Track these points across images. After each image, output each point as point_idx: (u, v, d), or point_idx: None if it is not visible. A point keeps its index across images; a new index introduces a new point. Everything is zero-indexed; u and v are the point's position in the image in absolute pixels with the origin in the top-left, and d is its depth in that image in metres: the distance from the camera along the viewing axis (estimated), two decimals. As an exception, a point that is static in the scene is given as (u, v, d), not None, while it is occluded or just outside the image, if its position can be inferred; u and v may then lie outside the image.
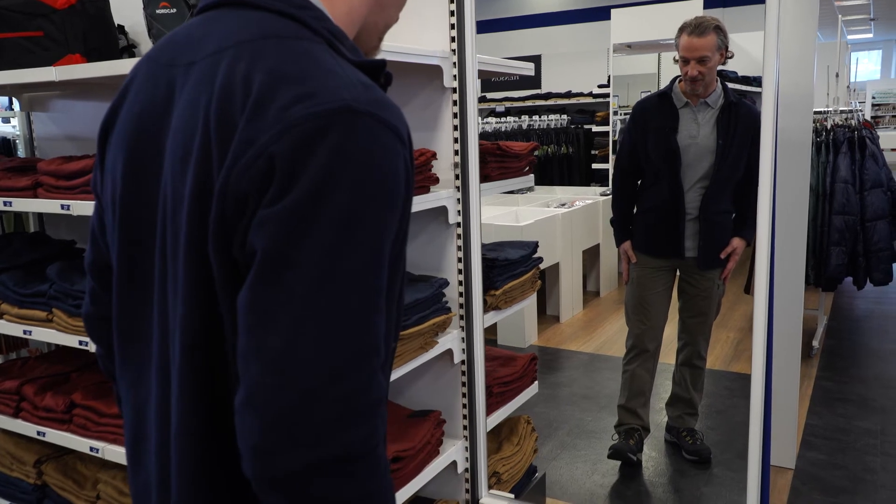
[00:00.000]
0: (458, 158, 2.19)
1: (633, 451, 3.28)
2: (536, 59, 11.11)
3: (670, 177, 3.11)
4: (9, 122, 5.79)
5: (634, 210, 3.31)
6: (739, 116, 3.08)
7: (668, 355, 3.74)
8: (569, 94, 9.76)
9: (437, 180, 2.16)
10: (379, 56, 1.03)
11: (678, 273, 3.31)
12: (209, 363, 0.84)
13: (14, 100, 4.45)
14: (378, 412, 0.76)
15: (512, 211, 5.84)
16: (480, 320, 2.27)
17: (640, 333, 3.35)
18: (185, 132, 0.83)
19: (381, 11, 0.99)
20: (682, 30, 3.05)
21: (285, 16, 0.85)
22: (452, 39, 2.12)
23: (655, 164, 3.16)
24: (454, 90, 2.16)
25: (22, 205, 2.31)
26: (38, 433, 2.46)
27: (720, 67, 3.11)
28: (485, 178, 2.33)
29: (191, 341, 0.84)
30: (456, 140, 2.18)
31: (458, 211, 2.21)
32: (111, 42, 2.45)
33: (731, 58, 3.11)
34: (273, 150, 0.74)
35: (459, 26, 2.10)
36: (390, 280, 0.83)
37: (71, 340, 2.29)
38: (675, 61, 3.12)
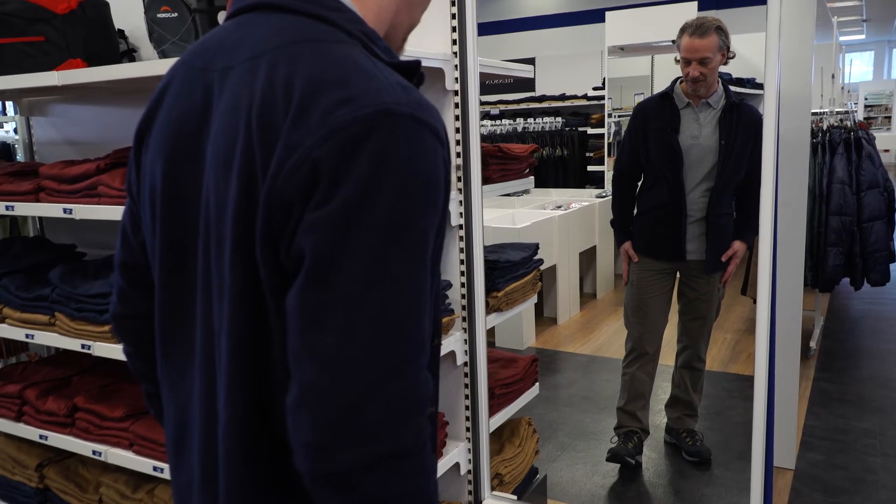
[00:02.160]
0: (460, 161, 2.19)
1: (632, 455, 3.28)
2: (530, 62, 11.12)
3: (672, 178, 3.11)
4: (1, 126, 5.79)
5: (635, 211, 3.31)
6: (741, 117, 3.09)
7: (667, 357, 3.75)
8: (563, 97, 9.78)
9: (439, 183, 2.16)
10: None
11: (678, 275, 3.31)
12: (256, 363, 0.85)
13: (7, 104, 4.45)
14: (426, 410, 0.77)
15: (508, 213, 5.85)
16: (483, 322, 2.28)
17: (640, 336, 3.34)
18: (227, 137, 0.84)
19: (410, 13, 1.00)
20: (683, 30, 3.05)
21: (320, 19, 0.86)
22: (454, 42, 2.12)
23: (656, 165, 3.16)
24: (456, 93, 2.16)
25: (24, 209, 2.31)
26: (41, 437, 2.46)
27: (733, 57, 3.13)
28: (486, 180, 2.34)
29: (238, 342, 0.85)
30: (458, 142, 2.19)
31: (461, 213, 2.22)
32: (112, 46, 2.46)
33: (732, 58, 3.13)
34: (317, 154, 0.75)
35: (461, 29, 2.11)
36: (433, 283, 0.84)
37: (73, 344, 2.29)
38: (677, 62, 3.12)
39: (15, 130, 4.92)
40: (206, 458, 0.92)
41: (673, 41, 3.12)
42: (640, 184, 3.30)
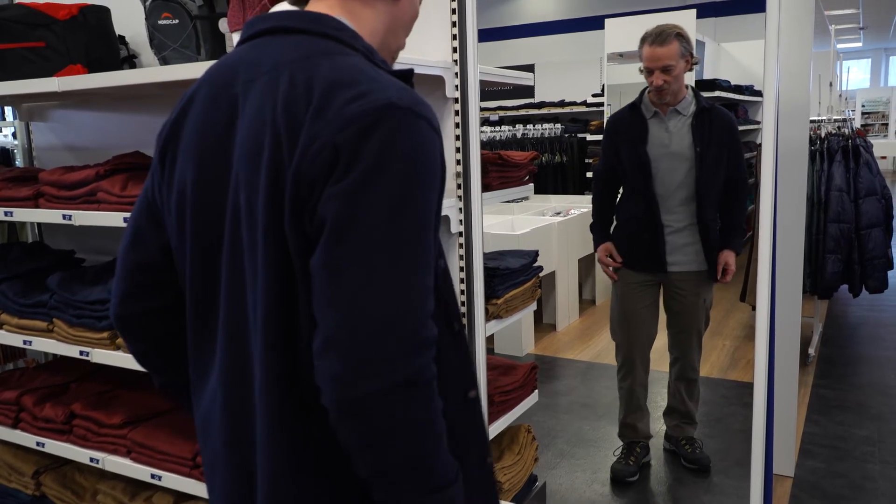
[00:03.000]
0: (460, 168, 2.19)
1: (633, 474, 3.28)
2: (530, 69, 11.15)
3: (643, 189, 3.09)
4: (0, 131, 5.78)
5: (614, 220, 3.32)
6: (714, 121, 3.07)
7: (660, 363, 3.75)
8: (562, 104, 9.81)
9: (439, 190, 2.16)
10: None
11: (662, 287, 3.26)
12: (286, 330, 0.98)
13: (6, 109, 4.45)
14: (432, 350, 0.91)
15: (508, 220, 5.85)
16: (482, 329, 2.28)
17: (628, 349, 3.30)
18: (255, 135, 0.98)
19: (395, 36, 1.16)
20: (643, 40, 3.04)
21: (327, 37, 1.02)
22: (454, 50, 2.13)
23: (629, 177, 3.16)
24: (456, 100, 2.16)
25: (23, 215, 2.31)
26: (38, 444, 2.45)
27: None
28: (486, 187, 2.33)
29: (271, 310, 0.98)
30: (458, 150, 2.18)
31: (461, 220, 2.22)
32: (112, 53, 2.46)
33: (696, 64, 3.12)
34: (336, 140, 0.91)
35: (461, 37, 2.11)
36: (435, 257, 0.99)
37: (71, 350, 2.28)
38: (641, 72, 3.10)
39: (14, 135, 4.91)
40: (233, 435, 1.07)
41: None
42: (619, 194, 3.33)
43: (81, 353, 2.25)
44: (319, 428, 0.98)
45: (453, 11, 2.10)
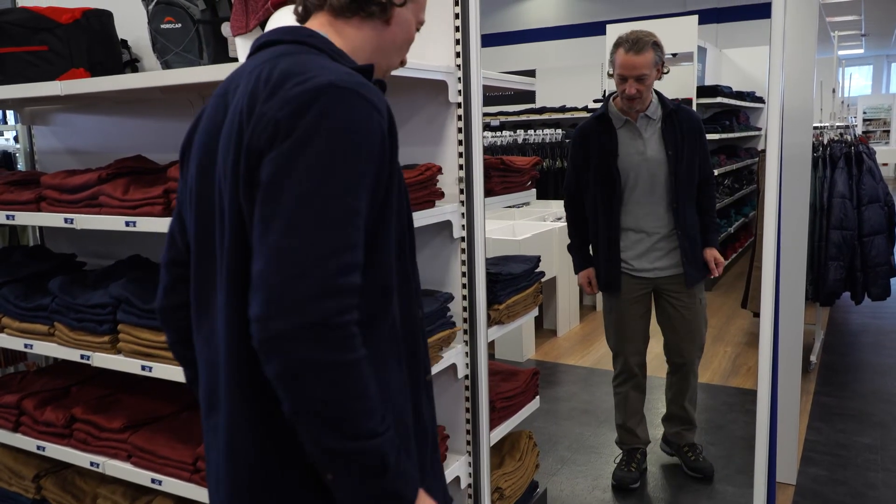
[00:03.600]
0: (462, 173, 2.19)
1: (635, 480, 3.26)
2: (531, 74, 11.16)
3: (620, 200, 3.05)
4: (1, 134, 5.78)
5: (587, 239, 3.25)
6: (682, 123, 3.05)
7: (658, 369, 3.74)
8: (563, 109, 9.80)
9: (442, 195, 2.16)
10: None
11: (654, 295, 3.23)
12: (244, 295, 1.06)
13: (8, 113, 4.46)
14: (348, 298, 0.98)
15: (509, 225, 5.84)
16: (484, 335, 2.27)
17: (626, 359, 3.27)
18: (230, 126, 1.12)
19: (384, 56, 1.27)
20: (618, 45, 2.95)
21: (299, 42, 1.17)
22: (457, 55, 2.12)
23: (604, 189, 3.06)
24: (459, 105, 2.16)
25: (25, 218, 2.30)
26: (38, 447, 2.44)
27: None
28: (488, 192, 2.33)
29: (232, 274, 1.10)
30: (461, 155, 2.18)
31: (463, 225, 2.21)
32: (115, 56, 2.46)
33: (667, 73, 3.03)
34: (278, 116, 1.03)
35: (464, 42, 2.11)
36: (384, 229, 1.11)
37: (72, 354, 2.28)
38: (610, 76, 3.04)
39: (16, 139, 4.91)
40: (207, 404, 1.23)
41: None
42: (587, 211, 3.20)
43: (82, 356, 2.25)
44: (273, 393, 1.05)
45: (456, 17, 2.10)
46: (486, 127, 9.59)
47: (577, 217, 3.24)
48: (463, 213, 2.21)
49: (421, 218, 2.01)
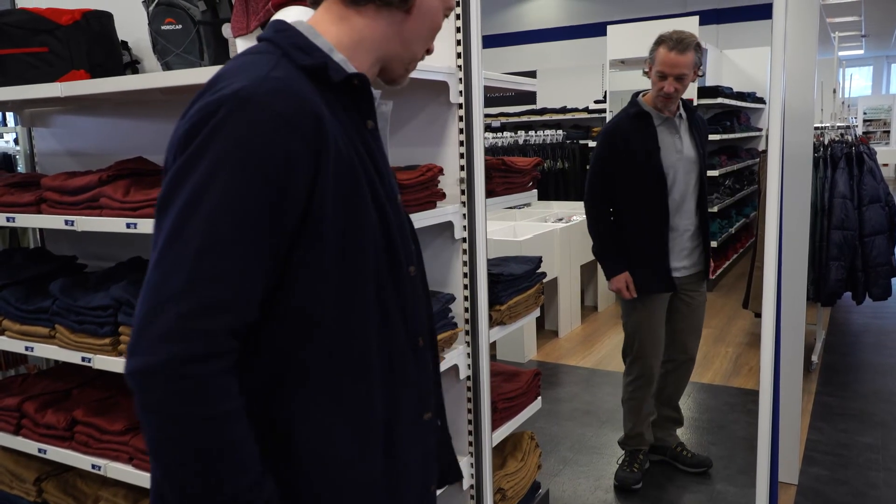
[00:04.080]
0: (463, 174, 2.19)
1: (637, 480, 3.26)
2: (532, 75, 11.17)
3: (657, 201, 3.02)
4: (1, 136, 5.79)
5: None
6: (699, 121, 3.12)
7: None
8: (564, 110, 9.81)
9: (443, 196, 2.16)
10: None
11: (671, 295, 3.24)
12: None
13: (8, 115, 4.46)
14: (207, 341, 0.87)
15: (510, 226, 5.84)
16: (486, 335, 2.27)
17: (649, 362, 3.21)
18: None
19: (406, 48, 1.15)
20: (660, 43, 2.94)
21: (267, 41, 1.06)
22: (458, 55, 2.12)
23: (643, 189, 3.02)
24: (460, 106, 2.16)
25: (25, 220, 2.30)
26: (39, 450, 2.44)
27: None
28: (489, 193, 2.33)
29: None
30: (462, 155, 2.18)
31: (464, 226, 2.21)
32: (115, 58, 2.46)
33: (702, 76, 3.09)
34: (181, 131, 0.95)
35: (466, 42, 2.11)
36: (311, 258, 0.96)
37: (73, 357, 2.27)
38: (645, 73, 3.04)
39: (16, 141, 4.91)
40: None
41: (646, 58, 3.07)
42: (616, 214, 3.13)
43: (83, 359, 2.24)
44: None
45: (457, 17, 2.10)
46: (488, 128, 9.60)
47: (607, 220, 3.13)
48: (464, 214, 2.20)
49: (422, 219, 2.01)
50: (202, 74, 1.92)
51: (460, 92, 2.14)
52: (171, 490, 0.92)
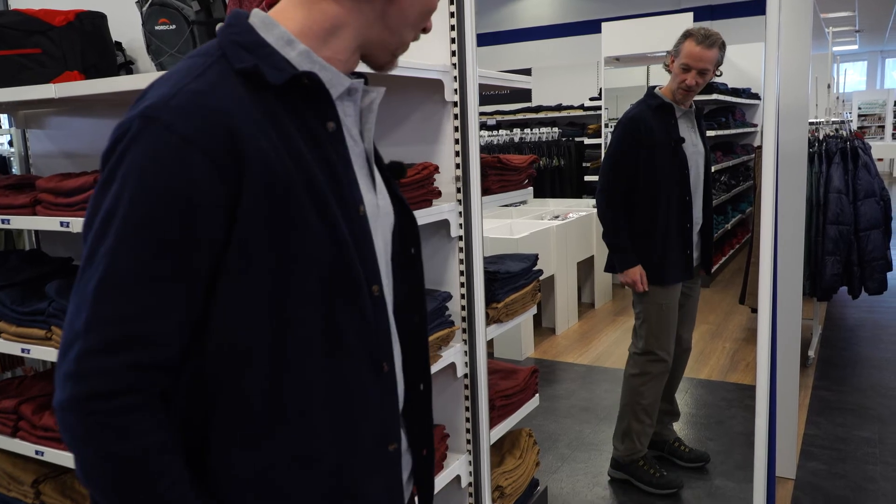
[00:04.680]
0: (459, 172, 2.19)
1: (678, 476, 3.22)
2: (527, 72, 11.16)
3: (680, 192, 3.01)
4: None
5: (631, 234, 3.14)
6: (700, 115, 3.19)
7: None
8: (559, 107, 9.81)
9: (439, 194, 2.16)
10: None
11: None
12: None
13: (2, 117, 4.44)
14: (106, 378, 0.85)
15: (506, 224, 5.85)
16: (483, 333, 2.27)
17: (665, 359, 3.15)
18: None
19: (390, 32, 1.04)
20: (688, 36, 2.96)
21: (217, 37, 0.99)
22: (453, 53, 2.12)
23: (665, 182, 3.01)
24: (455, 104, 2.16)
25: (20, 222, 2.29)
26: (37, 452, 2.43)
27: (720, 76, 3.14)
28: (485, 191, 2.33)
29: None
30: (457, 153, 2.18)
31: (460, 224, 2.21)
32: (109, 59, 2.45)
33: (720, 76, 3.11)
34: (106, 146, 0.91)
35: (460, 40, 2.11)
36: (235, 286, 0.90)
37: (70, 358, 2.26)
38: (666, 67, 3.05)
39: (10, 143, 4.90)
40: None
41: (669, 52, 3.09)
42: (633, 206, 3.08)
43: (80, 360, 2.24)
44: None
45: (452, 15, 2.10)
46: (483, 126, 9.60)
47: (623, 212, 3.08)
48: (460, 212, 2.20)
49: (418, 217, 2.00)
50: (196, 74, 1.92)
51: (455, 90, 2.14)
52: None
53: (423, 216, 2.05)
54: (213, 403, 0.93)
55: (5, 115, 3.85)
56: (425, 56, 2.14)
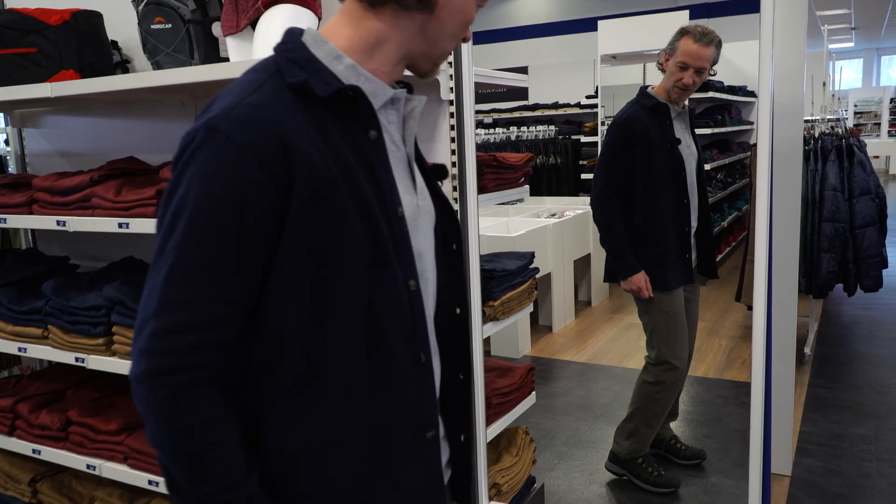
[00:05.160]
0: (455, 170, 2.19)
1: (675, 476, 3.22)
2: (523, 71, 11.16)
3: (677, 195, 2.95)
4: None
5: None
6: (692, 118, 3.13)
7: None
8: (556, 105, 9.82)
9: (435, 192, 2.16)
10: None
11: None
12: None
13: None
14: (173, 357, 0.96)
15: (503, 222, 5.85)
16: (479, 331, 2.27)
17: (682, 366, 3.09)
18: None
19: (430, 44, 1.12)
20: (685, 33, 2.88)
21: (274, 52, 1.09)
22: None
23: (662, 185, 2.94)
24: (451, 102, 2.16)
25: (17, 221, 2.30)
26: (34, 451, 2.44)
27: (715, 75, 3.07)
28: (481, 189, 2.33)
29: None
30: (453, 152, 2.18)
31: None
32: (105, 58, 2.45)
33: (713, 75, 3.03)
34: (177, 149, 1.01)
35: (456, 39, 2.11)
36: (284, 283, 1.01)
37: (67, 357, 2.27)
38: (659, 65, 2.98)
39: (6, 142, 4.89)
40: None
41: (663, 50, 3.01)
42: (630, 210, 3.00)
43: (77, 359, 2.24)
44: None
45: (447, 14, 2.10)
46: (479, 124, 9.61)
47: (619, 216, 2.99)
48: (456, 210, 2.21)
49: (414, 215, 2.01)
50: (192, 73, 1.92)
51: (451, 88, 2.14)
52: (167, 475, 1.03)
53: (419, 214, 2.05)
54: (260, 383, 1.05)
55: (1, 115, 3.85)
56: (421, 55, 2.14)
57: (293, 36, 1.09)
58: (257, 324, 1.03)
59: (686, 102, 3.08)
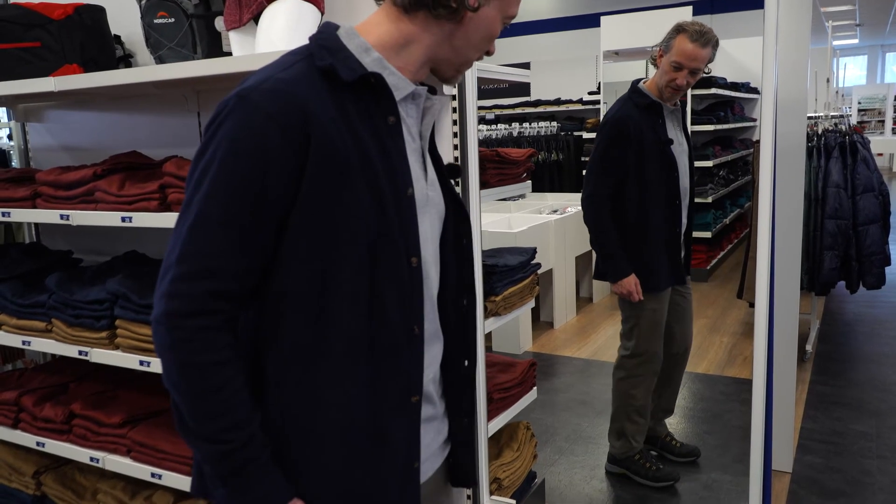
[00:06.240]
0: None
1: (674, 469, 3.22)
2: (526, 66, 11.15)
3: (669, 195, 2.93)
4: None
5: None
6: (683, 115, 3.10)
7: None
8: (558, 102, 9.81)
9: (437, 187, 2.16)
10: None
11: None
12: None
13: (1, 110, 4.44)
14: (198, 302, 1.05)
15: (505, 217, 5.85)
16: (481, 326, 2.28)
17: (657, 361, 3.13)
18: None
19: (455, 51, 1.21)
20: (681, 31, 2.80)
21: (311, 39, 1.18)
22: (451, 47, 2.12)
23: (654, 185, 2.91)
24: (453, 97, 2.16)
25: (20, 215, 2.30)
26: (38, 444, 2.45)
27: (709, 73, 3.02)
28: (483, 184, 2.33)
29: None
30: (456, 147, 2.18)
31: (459, 218, 2.22)
32: (108, 52, 2.45)
33: (707, 73, 2.97)
34: (211, 116, 1.09)
35: (458, 34, 2.11)
36: (298, 240, 1.09)
37: (70, 350, 2.28)
38: (653, 61, 2.92)
39: (9, 136, 4.90)
40: None
41: (657, 45, 2.91)
42: (621, 210, 2.96)
43: (80, 352, 2.25)
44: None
45: (450, 9, 2.10)
46: (482, 120, 9.59)
47: (610, 217, 2.95)
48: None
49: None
50: (195, 68, 1.93)
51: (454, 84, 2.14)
52: (178, 413, 1.11)
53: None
54: (267, 340, 1.13)
55: (4, 109, 3.86)
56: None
57: (328, 27, 1.19)
58: (268, 284, 1.11)
59: (678, 100, 3.04)
